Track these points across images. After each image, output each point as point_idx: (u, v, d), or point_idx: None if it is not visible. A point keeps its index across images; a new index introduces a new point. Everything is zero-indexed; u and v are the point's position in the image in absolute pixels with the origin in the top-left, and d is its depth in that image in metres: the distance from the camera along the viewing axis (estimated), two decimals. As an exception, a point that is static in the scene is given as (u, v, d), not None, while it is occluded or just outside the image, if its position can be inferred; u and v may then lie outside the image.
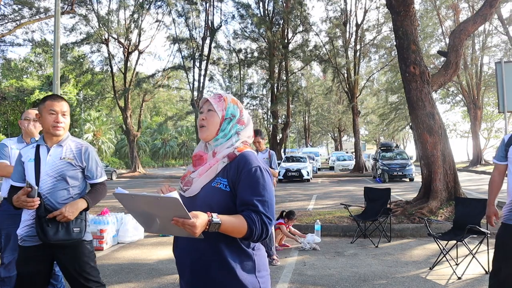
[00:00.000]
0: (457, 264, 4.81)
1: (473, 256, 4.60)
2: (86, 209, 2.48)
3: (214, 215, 1.38)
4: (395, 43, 8.70)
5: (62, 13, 18.94)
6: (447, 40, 21.36)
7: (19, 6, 20.71)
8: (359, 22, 25.52)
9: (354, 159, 27.71)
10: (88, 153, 2.55)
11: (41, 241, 2.33)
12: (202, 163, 1.62)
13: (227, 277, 1.51)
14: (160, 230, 1.46)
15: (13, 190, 2.47)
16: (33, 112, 3.54)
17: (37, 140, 2.54)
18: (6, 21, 21.15)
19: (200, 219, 1.32)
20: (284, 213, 6.18)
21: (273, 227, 5.34)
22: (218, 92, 1.71)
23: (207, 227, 1.36)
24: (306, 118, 44.43)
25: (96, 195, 2.55)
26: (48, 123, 2.43)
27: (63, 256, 2.40)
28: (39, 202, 2.30)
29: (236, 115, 1.66)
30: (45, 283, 2.46)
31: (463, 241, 4.58)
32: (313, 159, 27.53)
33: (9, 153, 3.35)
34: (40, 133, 3.05)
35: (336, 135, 48.96)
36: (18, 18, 21.24)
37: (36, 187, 2.30)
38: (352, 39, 25.93)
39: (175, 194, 1.29)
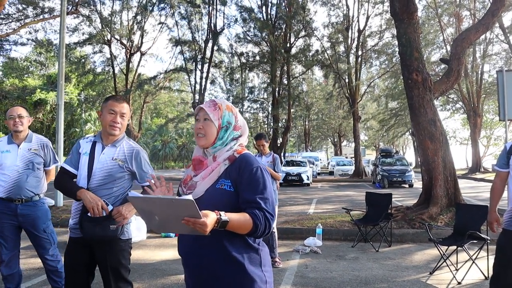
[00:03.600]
0: (457, 269, 4.87)
1: (473, 262, 4.65)
2: None
3: (222, 213, 1.46)
4: (397, 49, 8.78)
5: (67, 14, 18.98)
6: (449, 48, 21.41)
7: (24, 6, 20.77)
8: (361, 28, 25.69)
9: (354, 165, 27.77)
10: (140, 158, 2.59)
11: (82, 233, 2.43)
12: (203, 167, 1.69)
13: (236, 271, 1.59)
14: (169, 229, 1.53)
15: (63, 171, 2.56)
16: (17, 109, 3.42)
17: (94, 136, 2.61)
18: (10, 20, 21.20)
19: (210, 218, 1.39)
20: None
21: (275, 231, 5.42)
22: (213, 98, 1.77)
23: (216, 225, 1.43)
24: (307, 123, 44.50)
25: None
26: (106, 121, 2.49)
27: (98, 251, 2.48)
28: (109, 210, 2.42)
29: (232, 122, 1.73)
30: (88, 274, 2.53)
31: (463, 247, 4.64)
32: (313, 164, 27.60)
33: None
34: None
35: (336, 140, 49.01)
36: (22, 17, 21.29)
37: (111, 207, 2.43)
38: (354, 45, 26.08)
39: (190, 197, 1.36)
